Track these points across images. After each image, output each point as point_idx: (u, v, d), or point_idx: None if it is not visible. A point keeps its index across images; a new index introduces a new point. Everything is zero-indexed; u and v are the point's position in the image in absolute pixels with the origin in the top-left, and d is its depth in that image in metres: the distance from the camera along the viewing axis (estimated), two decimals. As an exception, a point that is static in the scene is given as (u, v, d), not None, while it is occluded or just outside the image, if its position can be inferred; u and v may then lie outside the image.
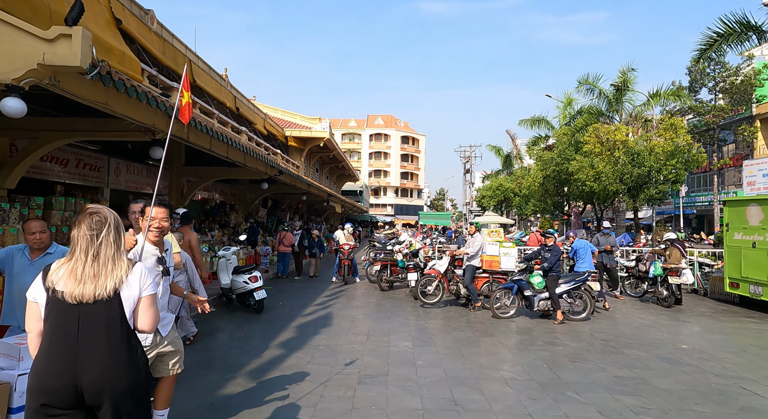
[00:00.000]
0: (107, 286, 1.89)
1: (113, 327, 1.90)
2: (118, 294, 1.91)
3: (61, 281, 1.89)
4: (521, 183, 33.26)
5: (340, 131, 74.20)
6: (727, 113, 26.63)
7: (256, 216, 18.55)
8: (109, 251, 1.95)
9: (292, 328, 6.77)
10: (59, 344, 1.85)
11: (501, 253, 8.78)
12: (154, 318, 2.03)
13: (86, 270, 1.90)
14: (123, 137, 6.94)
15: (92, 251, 1.92)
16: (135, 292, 1.97)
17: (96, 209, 2.01)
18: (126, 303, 1.93)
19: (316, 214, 31.46)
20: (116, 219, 2.02)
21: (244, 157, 10.56)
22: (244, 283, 7.71)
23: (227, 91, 17.13)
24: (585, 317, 7.67)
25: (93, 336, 1.86)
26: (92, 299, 1.88)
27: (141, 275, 2.00)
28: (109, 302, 1.89)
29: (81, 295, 1.87)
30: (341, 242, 12.19)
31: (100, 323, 1.88)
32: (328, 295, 10.02)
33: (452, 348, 5.84)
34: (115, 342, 1.89)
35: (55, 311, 1.88)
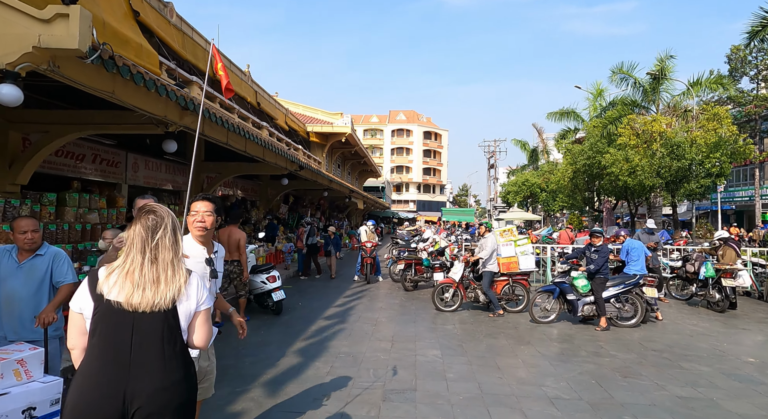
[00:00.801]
0: (167, 295, 1.71)
1: (170, 341, 1.72)
2: (175, 307, 1.74)
3: (115, 288, 1.69)
4: (549, 178, 32.16)
5: (362, 127, 73.84)
6: (772, 103, 25.05)
7: (278, 212, 18.31)
8: (168, 255, 1.76)
9: (311, 332, 6.35)
10: (108, 361, 1.66)
11: (518, 253, 8.07)
12: (209, 334, 1.87)
13: (145, 273, 1.71)
14: (135, 130, 6.62)
15: (150, 253, 1.73)
16: (192, 306, 1.79)
17: (152, 206, 1.83)
18: (182, 317, 1.76)
19: (338, 210, 31.15)
20: (174, 220, 1.82)
21: (263, 151, 10.21)
22: (262, 283, 7.33)
23: (248, 86, 16.87)
24: (635, 323, 6.98)
25: (148, 352, 1.68)
26: (150, 308, 1.69)
27: (198, 287, 1.82)
28: (166, 314, 1.71)
29: (139, 302, 1.68)
30: (363, 240, 11.74)
31: (156, 336, 1.70)
32: (349, 295, 9.59)
33: (485, 358, 5.30)
34: (171, 358, 1.71)
35: (104, 322, 1.69)
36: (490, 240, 7.86)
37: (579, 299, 7.00)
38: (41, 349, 2.80)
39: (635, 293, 7.01)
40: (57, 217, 6.80)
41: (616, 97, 24.00)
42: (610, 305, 6.98)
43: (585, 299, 7.00)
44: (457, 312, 7.92)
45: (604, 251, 7.03)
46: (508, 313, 7.84)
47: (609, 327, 6.84)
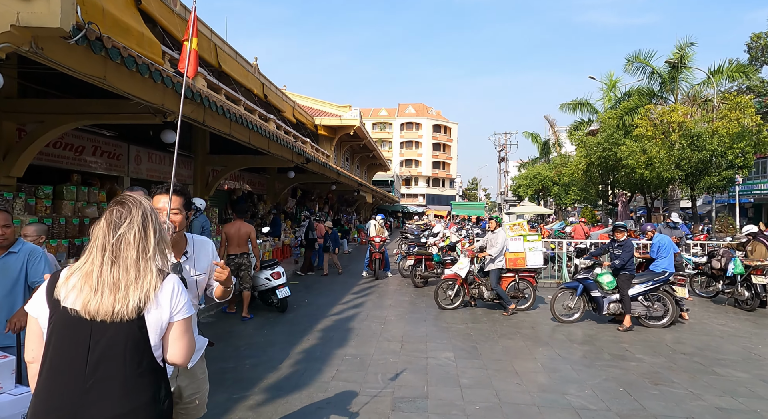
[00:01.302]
0: (129, 302, 1.42)
1: (135, 358, 1.44)
2: (142, 316, 1.44)
3: (73, 292, 1.43)
4: (561, 171, 31.50)
5: (371, 121, 73.33)
6: (793, 92, 24.16)
7: (285, 206, 18.06)
8: (131, 255, 1.46)
9: (317, 332, 6.05)
10: (61, 382, 1.40)
11: (526, 248, 7.68)
12: (189, 347, 1.54)
13: (104, 275, 1.44)
14: (133, 120, 6.33)
15: (110, 251, 1.45)
16: (164, 315, 1.48)
17: (123, 197, 1.56)
18: (151, 328, 1.46)
19: (347, 204, 30.88)
20: (145, 213, 1.52)
21: (268, 143, 9.90)
22: (266, 279, 7.05)
23: (255, 78, 16.56)
24: (665, 324, 6.54)
25: (107, 370, 1.41)
26: (109, 317, 1.41)
27: (174, 293, 1.51)
28: (130, 325, 1.43)
29: (96, 310, 1.41)
30: (372, 234, 11.41)
31: (116, 352, 1.42)
32: (357, 292, 9.28)
33: (502, 361, 4.95)
34: (134, 377, 1.43)
35: (58, 331, 1.43)
36: (500, 236, 7.47)
37: (604, 296, 6.60)
38: (13, 357, 2.52)
39: (665, 291, 6.58)
40: (54, 211, 6.55)
41: (631, 88, 23.29)
42: (638, 303, 6.56)
43: (611, 296, 6.61)
44: (469, 310, 7.57)
45: (629, 246, 6.61)
46: (519, 310, 7.48)
47: (633, 327, 6.45)
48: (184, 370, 2.10)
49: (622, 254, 6.54)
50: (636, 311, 6.51)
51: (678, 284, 6.67)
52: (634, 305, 6.50)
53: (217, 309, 7.19)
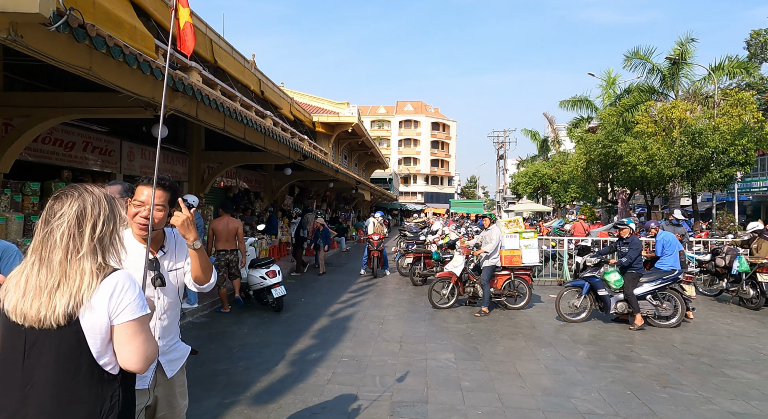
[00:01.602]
0: (56, 307, 1.28)
1: (68, 365, 1.29)
2: (76, 321, 1.30)
3: (9, 294, 1.33)
4: (560, 169, 31.35)
5: (369, 118, 73.10)
6: (792, 90, 24.07)
7: (282, 204, 17.87)
8: (57, 254, 1.32)
9: (313, 332, 5.88)
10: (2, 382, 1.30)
11: (522, 246, 7.51)
12: (141, 351, 1.36)
13: (32, 279, 1.32)
14: (123, 114, 6.15)
15: (38, 252, 1.33)
16: (101, 319, 1.32)
17: (63, 190, 1.41)
18: (89, 334, 1.30)
19: (345, 202, 30.69)
20: (83, 206, 1.36)
21: (263, 139, 9.71)
22: (261, 278, 6.87)
23: (251, 73, 16.35)
24: (674, 323, 6.38)
25: (39, 376, 1.28)
26: (37, 323, 1.28)
27: (113, 294, 1.33)
28: (62, 331, 1.29)
29: (24, 315, 1.30)
30: (370, 232, 11.25)
31: (49, 358, 1.29)
32: (355, 290, 9.12)
33: (504, 363, 4.79)
34: (69, 388, 1.28)
35: (3, 334, 1.35)
36: (495, 233, 7.30)
37: (612, 295, 6.45)
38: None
39: (674, 289, 6.43)
40: (41, 208, 6.36)
41: (631, 85, 23.15)
42: (646, 302, 6.40)
43: (618, 295, 6.47)
44: (469, 308, 7.41)
45: (636, 243, 6.44)
46: (508, 309, 7.35)
47: (645, 326, 6.31)
48: (163, 380, 1.92)
49: (630, 251, 6.39)
50: (644, 311, 6.34)
51: (686, 282, 6.52)
52: (642, 305, 6.34)
53: (211, 309, 7.02)
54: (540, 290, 9.30)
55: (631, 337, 5.91)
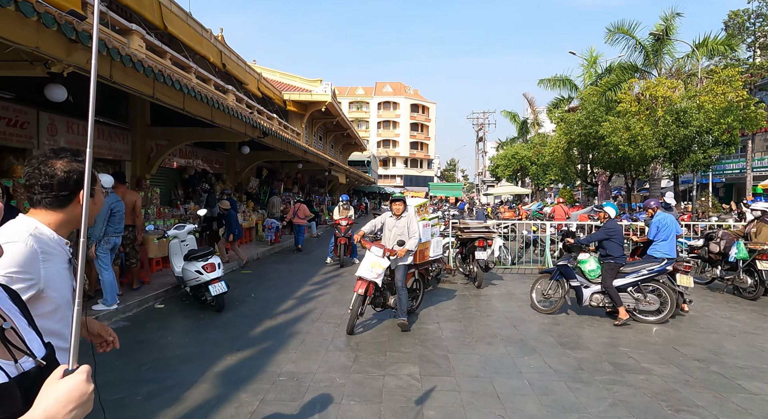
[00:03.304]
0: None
1: None
2: None
3: None
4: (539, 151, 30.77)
5: (347, 99, 71.25)
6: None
7: (247, 187, 16.64)
8: None
9: (253, 338, 4.89)
10: None
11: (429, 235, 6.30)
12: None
13: None
14: (7, 71, 4.91)
15: None
16: None
17: None
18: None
19: (319, 185, 29.50)
20: None
21: (210, 112, 8.51)
22: (197, 273, 5.80)
23: (211, 44, 14.85)
24: (661, 319, 5.66)
25: None
26: None
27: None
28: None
29: None
30: (336, 217, 10.24)
31: None
32: (316, 282, 8.14)
33: (480, 378, 3.90)
34: None
35: None
36: (415, 221, 5.54)
37: (587, 286, 5.83)
38: None
39: (662, 282, 5.67)
40: None
41: (612, 63, 22.43)
42: (626, 295, 5.70)
43: (595, 286, 5.80)
44: (442, 303, 6.54)
45: (612, 229, 5.77)
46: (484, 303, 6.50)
47: (630, 321, 5.61)
48: None
49: (597, 232, 5.92)
50: (625, 305, 5.66)
51: (683, 272, 5.75)
52: (623, 297, 5.67)
53: (138, 310, 5.93)
54: (521, 279, 8.52)
55: (625, 338, 5.12)
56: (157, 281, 7.12)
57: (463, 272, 8.49)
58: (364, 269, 5.08)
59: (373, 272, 5.03)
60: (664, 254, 5.87)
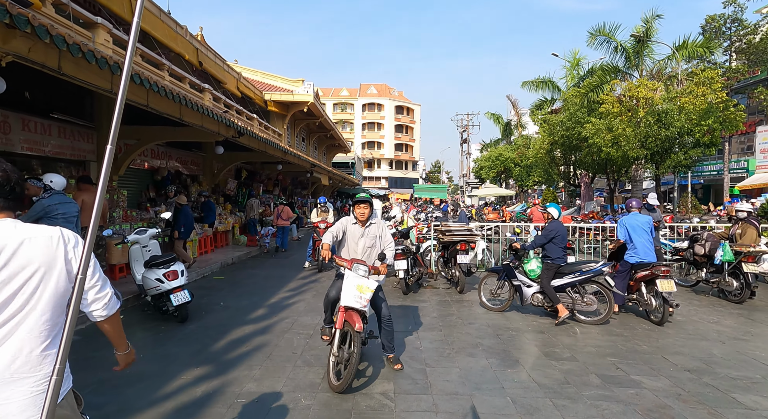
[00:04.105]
0: None
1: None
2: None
3: None
4: (523, 152, 30.83)
5: (332, 101, 70.82)
6: (743, 75, 24.28)
7: (225, 189, 16.12)
8: None
9: (215, 353, 4.49)
10: None
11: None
12: None
13: None
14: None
15: None
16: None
17: None
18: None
19: (301, 187, 29.00)
20: None
21: (179, 110, 8.08)
22: (158, 281, 5.38)
23: (186, 41, 14.36)
24: (600, 319, 5.68)
25: None
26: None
27: None
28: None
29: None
30: (314, 220, 9.86)
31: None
32: (292, 289, 7.75)
33: (459, 396, 3.58)
34: None
35: None
36: (386, 228, 4.48)
37: (528, 285, 5.93)
38: None
39: (599, 282, 5.77)
40: None
41: (594, 65, 22.54)
42: (565, 294, 5.79)
43: (536, 286, 5.90)
44: (425, 308, 6.22)
45: (549, 229, 5.88)
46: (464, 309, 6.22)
47: (571, 317, 5.70)
48: None
49: (538, 236, 5.98)
50: (564, 305, 5.70)
51: (662, 277, 5.55)
52: (561, 297, 5.76)
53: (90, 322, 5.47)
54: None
55: (612, 346, 4.87)
56: (119, 290, 6.64)
57: (446, 276, 8.19)
58: (349, 296, 3.78)
59: (362, 299, 3.77)
60: (640, 259, 5.73)
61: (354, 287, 3.83)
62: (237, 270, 9.72)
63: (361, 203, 4.24)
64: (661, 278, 5.60)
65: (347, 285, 3.85)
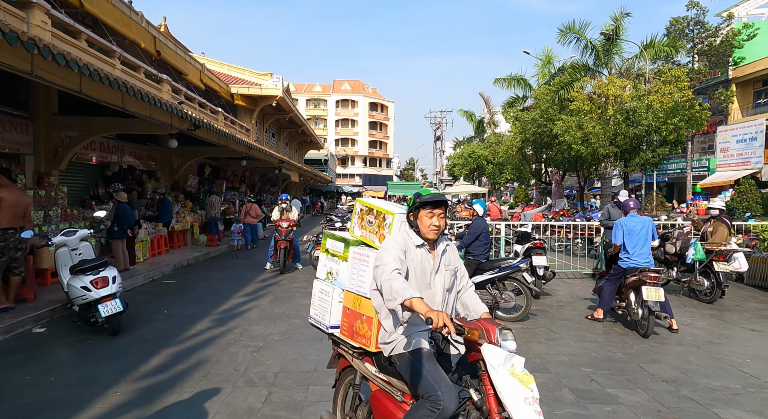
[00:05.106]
0: None
1: None
2: None
3: None
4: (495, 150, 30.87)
5: (305, 96, 69.63)
6: (705, 76, 24.98)
7: (185, 185, 15.28)
8: None
9: (144, 373, 3.91)
10: None
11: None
12: None
13: None
14: None
15: None
16: None
17: None
18: None
19: (271, 184, 28.17)
20: None
21: (121, 98, 7.36)
22: (84, 289, 4.74)
23: (142, 28, 13.41)
24: (518, 316, 5.72)
25: None
26: None
27: None
28: None
29: None
30: (275, 218, 9.28)
31: None
32: (248, 294, 7.17)
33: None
34: None
35: None
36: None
37: None
38: None
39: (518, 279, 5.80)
40: None
41: (565, 63, 22.67)
42: (485, 291, 5.78)
43: None
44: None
45: (473, 227, 6.00)
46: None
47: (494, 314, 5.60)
48: None
49: (465, 236, 6.02)
50: (485, 301, 5.49)
51: (650, 284, 5.20)
52: (481, 294, 5.71)
53: (4, 337, 4.77)
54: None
55: (585, 354, 4.55)
56: (45, 298, 5.93)
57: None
58: (521, 408, 1.82)
59: (537, 404, 1.85)
60: (635, 264, 5.38)
61: (516, 385, 1.84)
62: (191, 273, 9.05)
63: (436, 204, 2.26)
64: (649, 285, 5.17)
65: (507, 385, 1.84)
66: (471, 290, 2.46)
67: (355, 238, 2.57)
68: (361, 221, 2.58)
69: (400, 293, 1.90)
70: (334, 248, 2.65)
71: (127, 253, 8.28)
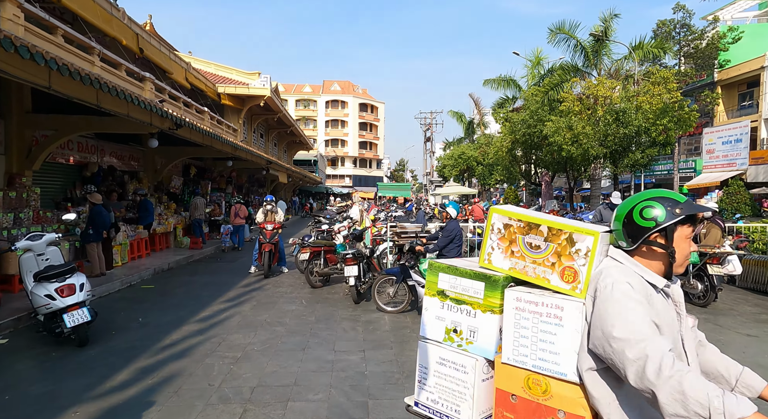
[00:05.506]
0: None
1: None
2: None
3: None
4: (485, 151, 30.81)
5: (295, 97, 69.16)
6: (691, 79, 25.22)
7: (169, 186, 14.89)
8: None
9: (110, 389, 3.62)
10: None
11: None
12: None
13: None
14: None
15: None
16: None
17: None
18: None
19: (259, 185, 27.77)
20: None
21: (96, 95, 7.04)
22: (48, 298, 4.42)
23: (124, 25, 13.01)
24: None
25: None
26: None
27: None
28: None
29: None
30: (259, 220, 8.98)
31: None
32: (230, 299, 6.88)
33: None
34: None
35: None
36: None
37: (422, 285, 5.65)
38: None
39: None
40: None
41: (554, 64, 22.65)
42: None
43: None
44: (376, 323, 5.55)
45: (447, 230, 5.96)
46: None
47: None
48: None
49: (440, 238, 5.99)
50: None
51: None
52: None
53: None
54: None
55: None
56: (11, 306, 5.59)
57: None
58: None
59: None
60: None
61: None
62: (172, 277, 8.71)
63: (692, 221, 1.46)
64: None
65: None
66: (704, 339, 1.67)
67: (501, 272, 1.57)
68: (509, 244, 1.59)
69: (712, 404, 1.09)
70: (460, 291, 1.62)
71: (103, 257, 7.93)
